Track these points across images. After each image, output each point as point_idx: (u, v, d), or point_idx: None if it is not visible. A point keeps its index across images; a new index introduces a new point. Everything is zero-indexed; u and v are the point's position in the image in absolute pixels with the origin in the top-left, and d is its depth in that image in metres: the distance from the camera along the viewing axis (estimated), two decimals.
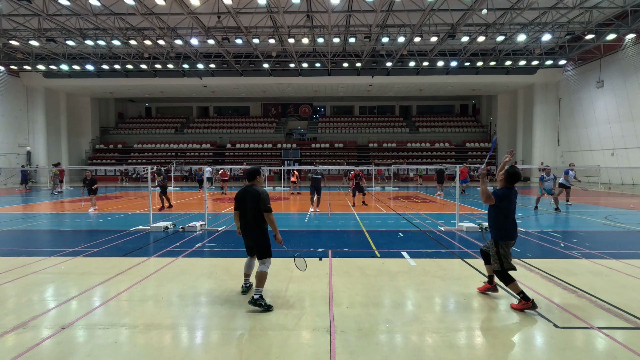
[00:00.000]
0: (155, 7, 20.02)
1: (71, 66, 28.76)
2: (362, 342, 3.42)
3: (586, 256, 6.44)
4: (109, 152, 39.42)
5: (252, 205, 4.35)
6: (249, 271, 4.73)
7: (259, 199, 4.31)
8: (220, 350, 3.31)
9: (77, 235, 8.69)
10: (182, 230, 9.01)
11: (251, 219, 4.37)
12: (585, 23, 21.72)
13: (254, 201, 4.34)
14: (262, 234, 4.39)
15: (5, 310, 4.20)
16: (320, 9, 20.52)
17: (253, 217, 4.36)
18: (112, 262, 6.18)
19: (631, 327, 3.71)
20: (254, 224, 4.38)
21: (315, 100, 43.24)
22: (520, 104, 34.02)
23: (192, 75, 31.38)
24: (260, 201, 4.30)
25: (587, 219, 10.79)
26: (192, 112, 45.52)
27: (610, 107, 25.33)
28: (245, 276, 4.75)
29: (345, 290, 4.78)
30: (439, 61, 27.89)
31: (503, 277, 4.21)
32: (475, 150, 38.13)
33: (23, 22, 21.14)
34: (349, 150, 38.93)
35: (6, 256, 6.65)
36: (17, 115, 31.60)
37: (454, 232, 8.70)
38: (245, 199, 4.41)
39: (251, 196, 4.37)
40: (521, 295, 4.09)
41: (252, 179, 4.55)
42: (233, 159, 37.79)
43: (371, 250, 6.96)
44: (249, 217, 4.38)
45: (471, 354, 3.22)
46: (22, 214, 12.50)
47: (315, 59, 28.43)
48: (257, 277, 4.21)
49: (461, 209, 12.55)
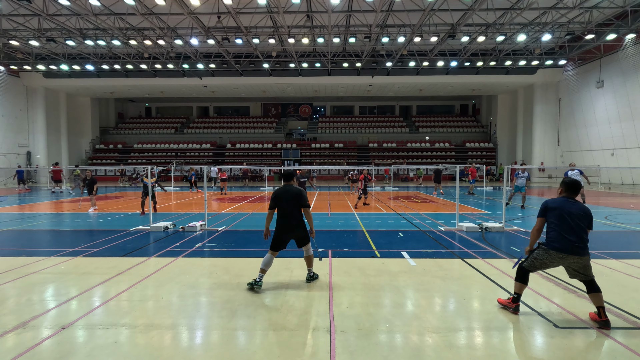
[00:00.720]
0: (155, 7, 20.02)
1: (71, 66, 28.77)
2: (362, 342, 3.42)
3: None
4: (109, 152, 39.43)
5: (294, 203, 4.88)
6: (267, 267, 4.89)
7: (301, 197, 4.88)
8: (220, 351, 3.31)
9: (77, 235, 8.69)
10: (182, 230, 9.01)
11: (291, 214, 4.88)
12: (585, 23, 21.71)
13: (296, 199, 4.87)
14: (303, 226, 4.97)
15: (5, 310, 4.20)
16: (320, 9, 20.52)
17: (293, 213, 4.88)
18: (112, 262, 6.18)
19: (631, 327, 3.71)
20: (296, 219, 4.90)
21: (315, 100, 43.24)
22: (520, 104, 34.02)
23: (192, 75, 31.38)
24: (302, 199, 4.89)
25: None
26: (192, 112, 45.53)
27: (610, 107, 25.33)
28: (262, 272, 4.84)
29: (345, 291, 4.78)
30: (439, 61, 27.89)
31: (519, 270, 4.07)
32: (475, 150, 38.14)
33: (23, 22, 21.15)
34: (349, 150, 38.94)
35: (6, 256, 6.65)
36: (17, 115, 31.62)
37: (454, 232, 8.70)
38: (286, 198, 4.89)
39: (292, 195, 4.88)
40: (515, 296, 4.05)
41: (289, 179, 5.11)
42: (233, 159, 37.81)
43: (371, 250, 6.95)
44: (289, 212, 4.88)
45: (471, 354, 3.22)
46: (20, 214, 12.49)
47: (315, 59, 28.44)
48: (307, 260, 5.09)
49: (461, 209, 12.55)
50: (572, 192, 3.95)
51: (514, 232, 8.72)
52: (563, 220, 3.80)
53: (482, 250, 6.90)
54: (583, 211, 3.83)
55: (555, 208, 3.86)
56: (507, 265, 5.87)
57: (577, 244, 3.76)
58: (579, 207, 3.85)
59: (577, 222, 3.78)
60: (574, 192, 3.95)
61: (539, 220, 4.01)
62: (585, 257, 3.80)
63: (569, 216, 3.79)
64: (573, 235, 3.77)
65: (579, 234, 3.77)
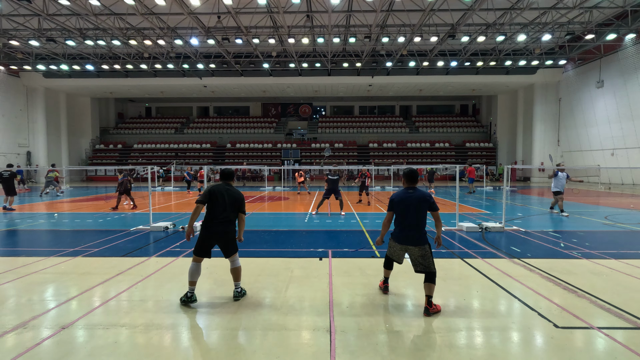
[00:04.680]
0: (155, 7, 20.02)
1: (71, 66, 28.76)
2: (362, 342, 3.42)
3: (586, 256, 6.44)
4: (109, 152, 39.42)
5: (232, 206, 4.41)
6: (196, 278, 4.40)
7: (242, 202, 4.47)
8: (221, 350, 3.31)
9: (77, 235, 8.69)
10: (182, 230, 9.01)
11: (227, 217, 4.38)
12: (585, 23, 21.72)
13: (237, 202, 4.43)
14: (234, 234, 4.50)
15: (5, 310, 4.20)
16: (320, 9, 20.52)
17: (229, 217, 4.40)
18: (112, 262, 6.18)
19: (631, 327, 3.71)
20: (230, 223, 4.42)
21: (315, 100, 43.24)
22: (520, 104, 34.00)
23: (192, 75, 31.38)
24: (243, 204, 4.48)
25: (587, 219, 10.78)
26: (192, 112, 45.52)
27: (610, 107, 25.33)
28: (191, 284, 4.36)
29: (345, 290, 4.78)
30: (439, 61, 27.89)
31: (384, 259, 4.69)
32: (475, 150, 38.13)
33: (23, 22, 21.15)
34: (349, 150, 38.93)
35: (6, 256, 6.65)
36: (17, 115, 31.61)
37: (454, 232, 8.69)
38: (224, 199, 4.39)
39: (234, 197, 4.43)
40: (384, 279, 4.75)
41: (229, 178, 4.63)
42: (233, 159, 37.80)
43: (371, 250, 6.95)
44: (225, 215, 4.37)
45: (471, 354, 3.22)
46: (20, 214, 12.49)
47: (315, 59, 28.43)
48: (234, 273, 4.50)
49: (461, 209, 12.55)
50: (411, 181, 4.26)
51: (514, 232, 8.72)
52: (405, 212, 4.12)
53: (482, 250, 6.90)
54: (422, 197, 4.13)
55: (399, 202, 4.16)
56: (507, 266, 5.87)
57: (413, 234, 4.11)
58: (418, 195, 4.14)
59: (418, 209, 4.10)
60: (412, 181, 4.25)
61: (388, 214, 4.31)
62: (421, 246, 4.10)
63: (410, 206, 4.10)
64: (412, 227, 4.12)
65: (417, 223, 4.11)
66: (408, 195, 4.15)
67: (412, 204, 4.09)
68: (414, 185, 4.25)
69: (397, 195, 4.24)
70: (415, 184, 4.26)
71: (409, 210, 4.10)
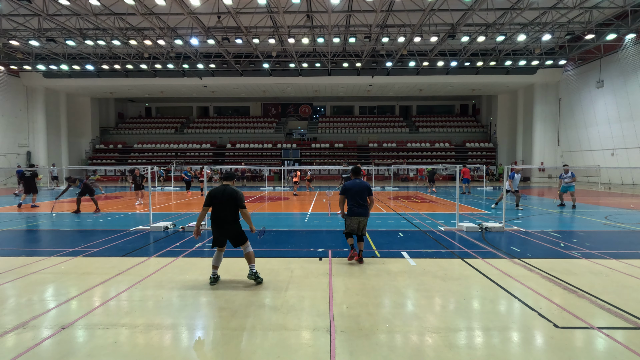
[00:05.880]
0: (155, 7, 20.02)
1: (71, 66, 28.77)
2: (362, 342, 3.42)
3: (586, 256, 6.44)
4: (109, 152, 39.43)
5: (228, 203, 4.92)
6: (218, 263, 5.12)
7: (236, 198, 4.91)
8: (221, 350, 3.31)
9: (77, 235, 8.69)
10: (182, 230, 9.01)
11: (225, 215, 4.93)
12: (585, 23, 21.72)
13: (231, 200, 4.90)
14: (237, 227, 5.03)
15: (5, 310, 4.19)
16: (320, 9, 20.52)
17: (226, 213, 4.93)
18: (112, 262, 6.18)
19: (631, 327, 3.71)
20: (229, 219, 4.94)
21: (315, 100, 43.25)
22: (520, 104, 34.02)
23: (192, 75, 31.38)
24: (238, 199, 4.92)
25: (587, 219, 10.79)
26: (192, 112, 45.53)
27: (610, 107, 25.33)
28: (214, 268, 5.08)
29: (345, 290, 4.78)
30: (439, 61, 27.89)
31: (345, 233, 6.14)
32: (475, 150, 38.14)
33: (23, 22, 21.15)
34: (349, 150, 38.94)
35: (6, 256, 6.65)
36: (17, 115, 31.61)
37: (454, 232, 8.69)
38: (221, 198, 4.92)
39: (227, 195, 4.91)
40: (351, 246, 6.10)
41: (229, 179, 5.15)
42: (233, 159, 37.81)
43: (371, 250, 6.95)
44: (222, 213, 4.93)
45: (471, 354, 3.21)
46: (19, 214, 12.49)
47: (315, 59, 28.43)
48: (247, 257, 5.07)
49: (461, 209, 12.55)
50: (356, 175, 6.15)
51: (514, 232, 8.72)
52: (354, 195, 5.90)
53: (482, 250, 6.90)
54: (365, 185, 6.01)
55: (349, 189, 5.95)
56: (508, 266, 5.87)
57: (361, 209, 5.91)
58: (361, 184, 5.99)
59: (360, 194, 5.91)
60: (357, 174, 6.15)
61: (341, 197, 6.07)
62: (366, 217, 5.97)
63: (356, 192, 5.91)
64: (359, 205, 5.91)
65: (362, 202, 5.92)
66: (357, 184, 5.97)
67: (360, 189, 5.92)
68: (359, 177, 6.13)
69: (349, 183, 6.00)
70: (359, 177, 6.13)
71: (358, 193, 5.90)
